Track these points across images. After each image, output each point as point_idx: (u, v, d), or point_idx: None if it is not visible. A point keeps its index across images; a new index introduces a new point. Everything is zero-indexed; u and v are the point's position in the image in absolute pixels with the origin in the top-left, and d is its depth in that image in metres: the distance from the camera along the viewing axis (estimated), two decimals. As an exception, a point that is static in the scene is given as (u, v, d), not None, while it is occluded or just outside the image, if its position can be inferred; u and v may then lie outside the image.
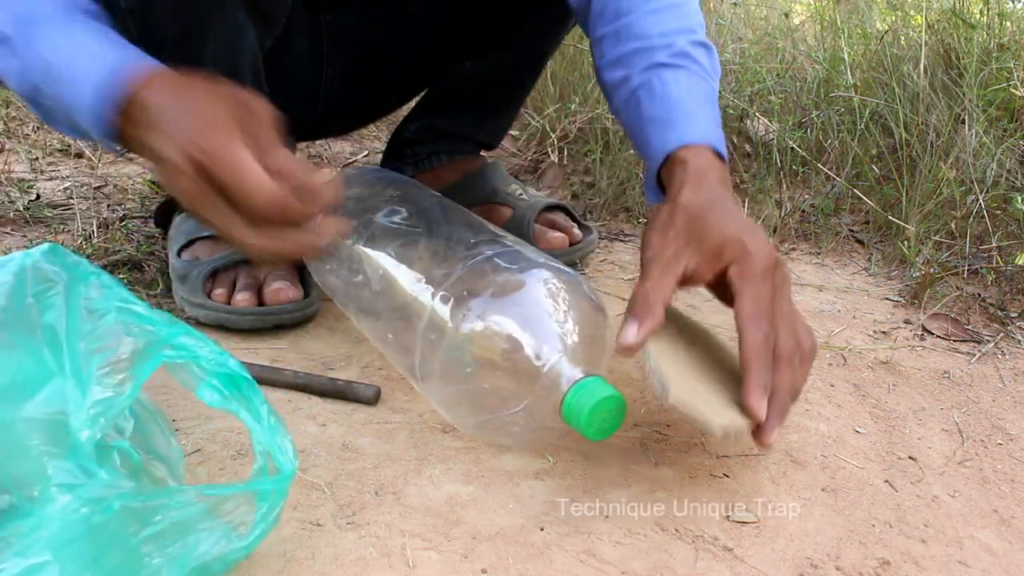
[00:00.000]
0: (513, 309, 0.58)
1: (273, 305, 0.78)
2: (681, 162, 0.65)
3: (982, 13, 1.44)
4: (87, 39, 0.57)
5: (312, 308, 0.80)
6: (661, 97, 0.68)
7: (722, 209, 0.61)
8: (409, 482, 0.59)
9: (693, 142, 0.66)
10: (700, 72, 0.70)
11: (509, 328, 0.57)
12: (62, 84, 0.55)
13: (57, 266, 0.47)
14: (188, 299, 0.79)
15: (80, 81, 0.54)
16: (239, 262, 0.81)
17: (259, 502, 0.45)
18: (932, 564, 0.56)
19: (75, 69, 0.55)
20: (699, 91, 0.69)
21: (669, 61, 0.69)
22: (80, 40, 0.56)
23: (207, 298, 0.78)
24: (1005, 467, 0.68)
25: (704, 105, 0.69)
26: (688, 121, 0.67)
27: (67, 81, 0.55)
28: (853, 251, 1.11)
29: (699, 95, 0.69)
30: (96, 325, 0.45)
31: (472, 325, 0.58)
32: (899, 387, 0.79)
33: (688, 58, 0.70)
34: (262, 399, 0.48)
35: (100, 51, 0.56)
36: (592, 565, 0.52)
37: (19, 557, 0.38)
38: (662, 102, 0.68)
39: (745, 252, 0.59)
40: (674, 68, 0.69)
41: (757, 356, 0.56)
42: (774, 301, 0.58)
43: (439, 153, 1.02)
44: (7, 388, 0.43)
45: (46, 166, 1.21)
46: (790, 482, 0.62)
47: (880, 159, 1.23)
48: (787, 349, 0.57)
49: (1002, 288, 0.99)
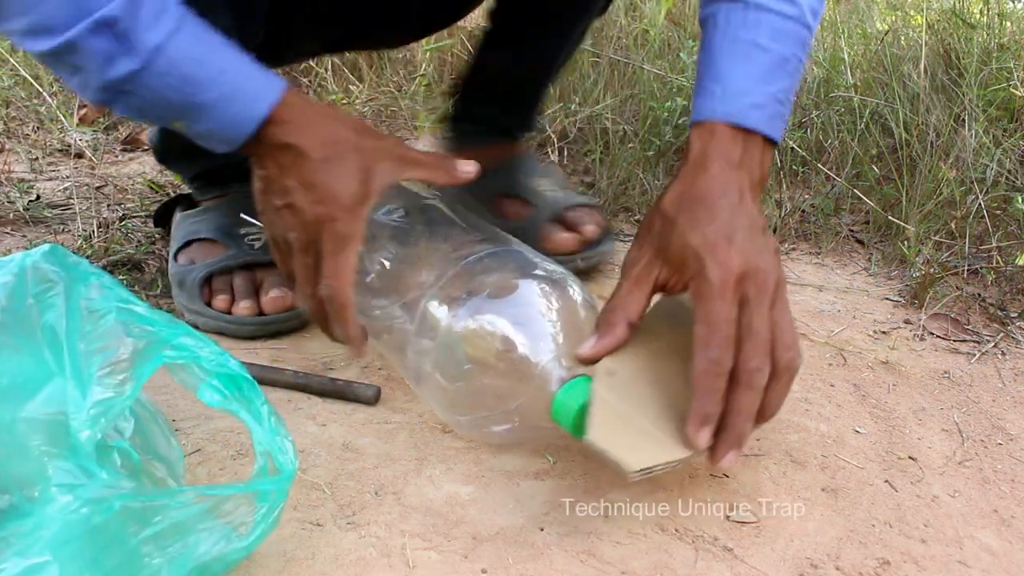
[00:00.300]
0: (506, 309, 0.58)
1: (272, 314, 0.77)
2: (689, 146, 0.60)
3: (982, 13, 1.44)
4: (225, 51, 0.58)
5: (304, 318, 0.78)
6: (705, 48, 0.62)
7: (698, 212, 0.57)
8: (409, 482, 0.59)
9: (705, 118, 0.60)
10: (760, 5, 0.60)
11: (502, 328, 0.57)
12: (202, 94, 0.56)
13: (57, 266, 0.47)
14: (187, 306, 0.79)
15: (231, 101, 0.57)
16: (233, 267, 0.80)
17: (259, 502, 0.45)
18: (932, 564, 0.56)
19: (222, 85, 0.57)
20: (746, 38, 0.60)
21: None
22: (219, 51, 0.57)
23: (205, 305, 0.78)
24: (1005, 467, 0.68)
25: (744, 60, 0.60)
26: (712, 87, 0.60)
27: (211, 95, 0.57)
28: (853, 251, 1.11)
29: (744, 44, 0.60)
30: (96, 325, 0.45)
31: (465, 324, 0.58)
32: (899, 387, 0.79)
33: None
34: (262, 399, 0.48)
35: (246, 71, 0.58)
36: (592, 565, 0.52)
37: (19, 557, 0.38)
38: (704, 55, 0.62)
39: (701, 268, 0.55)
40: (729, 3, 0.61)
41: (701, 383, 0.53)
42: (742, 317, 0.54)
43: (477, 133, 0.99)
44: (7, 388, 0.43)
45: (46, 166, 1.21)
46: (790, 482, 0.62)
47: (880, 159, 1.23)
48: (748, 370, 0.53)
49: (1002, 288, 0.99)
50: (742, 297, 0.54)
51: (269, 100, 0.58)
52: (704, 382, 0.53)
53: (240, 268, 0.80)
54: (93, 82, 0.55)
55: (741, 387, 0.53)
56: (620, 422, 0.53)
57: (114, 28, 0.52)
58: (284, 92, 0.58)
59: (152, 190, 1.14)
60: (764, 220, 0.60)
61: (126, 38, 0.53)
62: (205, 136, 0.59)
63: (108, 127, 1.38)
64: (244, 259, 0.80)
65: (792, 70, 0.62)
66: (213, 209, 0.86)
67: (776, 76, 0.60)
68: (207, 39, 0.57)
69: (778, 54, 0.61)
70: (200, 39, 0.56)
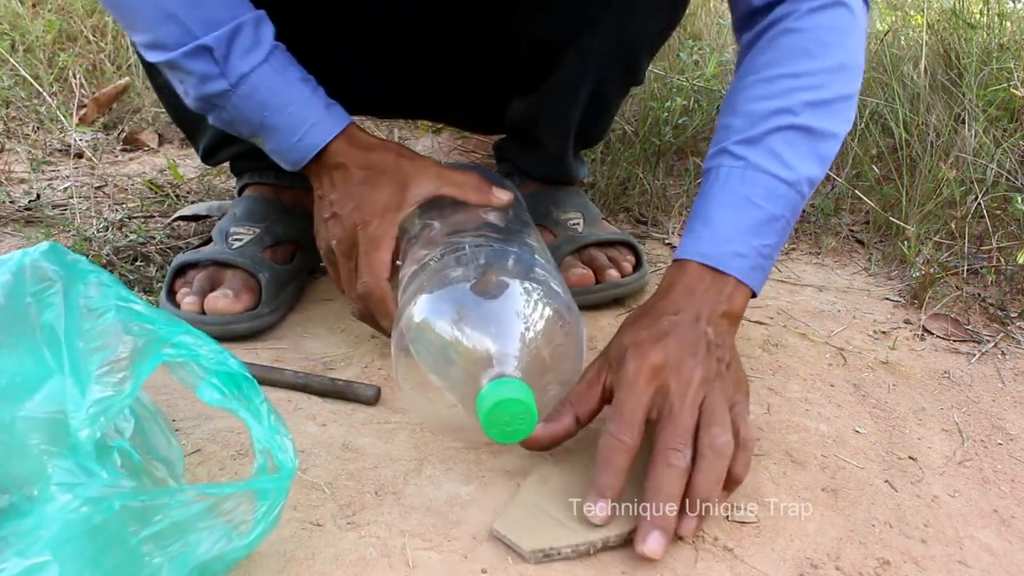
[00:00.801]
0: (460, 303, 0.57)
1: (209, 314, 0.76)
2: (665, 276, 0.65)
3: (982, 13, 1.44)
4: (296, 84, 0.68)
5: (242, 326, 0.76)
6: (702, 195, 0.66)
7: (642, 321, 0.60)
8: (409, 482, 0.59)
9: (683, 257, 0.64)
10: (758, 167, 0.64)
11: (446, 321, 0.57)
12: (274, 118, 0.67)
13: (56, 265, 0.47)
14: (163, 298, 0.80)
15: (293, 130, 0.68)
16: (199, 262, 0.81)
17: (259, 501, 0.45)
18: (932, 564, 0.56)
19: (290, 116, 0.67)
20: (741, 193, 0.64)
21: (734, 150, 0.65)
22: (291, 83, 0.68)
23: (167, 294, 0.80)
24: (1005, 467, 0.68)
25: (735, 211, 0.64)
26: (700, 230, 0.64)
27: (279, 121, 0.67)
28: (853, 251, 1.11)
29: (738, 198, 0.64)
30: (95, 324, 0.45)
31: (415, 312, 0.58)
32: (899, 387, 0.79)
33: (757, 147, 0.64)
34: (262, 398, 0.48)
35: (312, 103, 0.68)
36: (592, 565, 0.52)
37: (19, 557, 0.38)
38: (699, 201, 0.66)
39: (622, 362, 0.58)
40: (732, 160, 0.65)
41: (600, 459, 0.55)
42: (661, 405, 0.56)
43: (510, 175, 0.98)
44: (6, 387, 0.43)
45: (46, 166, 1.21)
46: (790, 482, 0.62)
47: (880, 159, 1.23)
48: (662, 451, 0.54)
49: (1002, 288, 0.99)
50: (660, 387, 0.56)
51: (326, 136, 0.68)
52: (603, 456, 0.54)
53: (208, 264, 0.81)
54: (192, 93, 0.67)
55: (657, 466, 0.53)
56: (531, 512, 0.55)
57: (212, 54, 0.64)
58: (341, 130, 0.68)
59: (152, 190, 1.14)
60: (731, 351, 0.61)
61: (223, 63, 0.64)
62: (274, 154, 0.70)
63: (108, 127, 1.38)
64: (211, 256, 0.81)
65: (780, 229, 0.65)
66: (230, 207, 0.90)
67: (763, 232, 0.63)
68: (287, 73, 0.67)
69: (769, 212, 0.64)
70: (281, 72, 0.67)
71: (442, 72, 0.89)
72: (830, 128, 0.66)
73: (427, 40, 0.85)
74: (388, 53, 0.87)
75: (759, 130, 0.65)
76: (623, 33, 0.79)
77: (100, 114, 1.40)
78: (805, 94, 0.65)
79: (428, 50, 0.87)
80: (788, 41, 0.67)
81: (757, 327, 0.88)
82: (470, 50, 0.86)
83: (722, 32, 1.63)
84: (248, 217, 0.86)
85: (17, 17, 1.57)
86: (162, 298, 0.80)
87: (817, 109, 0.65)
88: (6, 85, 1.37)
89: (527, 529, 0.53)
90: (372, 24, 0.83)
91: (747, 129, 0.65)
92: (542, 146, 0.93)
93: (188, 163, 1.29)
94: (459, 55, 0.87)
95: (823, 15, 0.67)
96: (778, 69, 0.66)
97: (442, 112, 1.05)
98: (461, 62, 0.87)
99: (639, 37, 0.81)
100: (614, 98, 0.92)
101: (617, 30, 0.79)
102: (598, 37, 0.79)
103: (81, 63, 1.51)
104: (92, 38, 1.58)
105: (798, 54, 0.66)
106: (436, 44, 0.86)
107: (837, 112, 0.67)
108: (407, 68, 0.89)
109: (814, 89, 0.66)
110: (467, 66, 0.88)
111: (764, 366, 0.80)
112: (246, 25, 0.65)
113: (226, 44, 0.64)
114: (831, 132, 0.67)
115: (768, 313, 0.92)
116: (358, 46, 0.85)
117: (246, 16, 0.65)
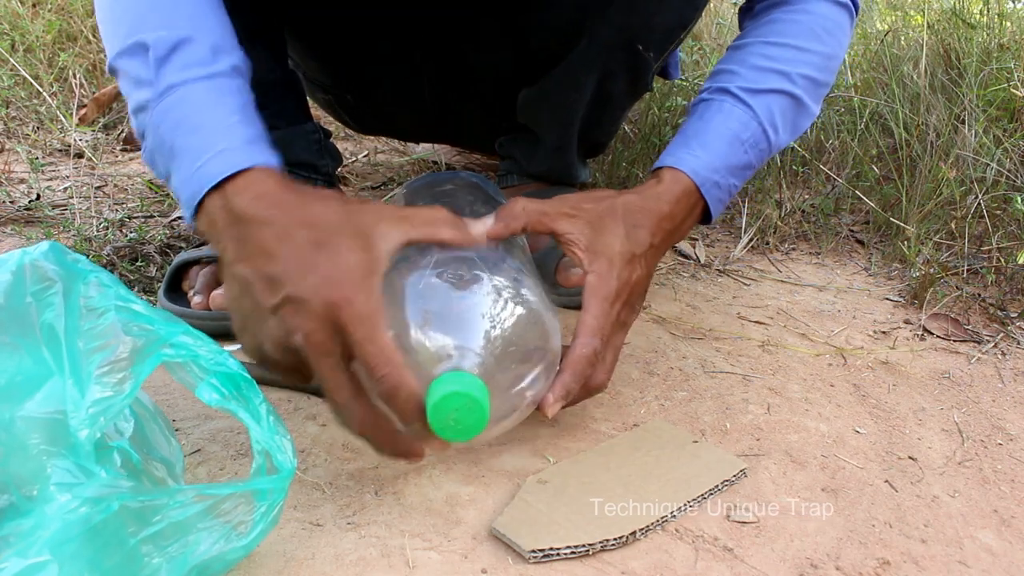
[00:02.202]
0: (425, 298, 0.54)
1: (216, 310, 0.76)
2: (661, 175, 0.68)
3: (982, 13, 1.44)
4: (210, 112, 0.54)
5: None
6: (702, 117, 0.70)
7: (638, 217, 0.64)
8: (409, 482, 0.59)
9: (682, 168, 0.68)
10: (755, 117, 0.70)
11: (406, 312, 0.53)
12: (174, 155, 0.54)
13: (56, 264, 0.47)
14: (161, 296, 0.80)
15: (198, 153, 0.53)
16: (200, 259, 0.81)
17: (258, 501, 0.45)
18: (932, 564, 0.56)
19: (200, 138, 0.53)
20: (738, 133, 0.70)
21: (739, 94, 0.70)
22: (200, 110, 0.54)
23: (164, 292, 0.79)
24: (1005, 467, 0.68)
25: (728, 146, 0.70)
26: (699, 151, 0.69)
27: (185, 143, 0.54)
28: (853, 251, 1.11)
29: (734, 137, 0.70)
30: (95, 324, 0.45)
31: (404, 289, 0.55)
32: (899, 387, 0.79)
33: (759, 99, 0.70)
34: (261, 398, 0.48)
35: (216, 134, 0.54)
36: (592, 565, 0.52)
37: (19, 557, 0.38)
38: (699, 121, 0.70)
39: (607, 259, 0.62)
40: (734, 102, 0.70)
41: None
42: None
43: (511, 173, 0.99)
44: (6, 387, 0.43)
45: (46, 166, 1.21)
46: (790, 482, 0.62)
47: (880, 159, 1.23)
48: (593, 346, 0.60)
49: (1002, 288, 0.99)
50: (622, 306, 0.63)
51: (230, 167, 0.51)
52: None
53: (210, 260, 0.81)
54: (128, 105, 0.57)
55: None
56: (531, 512, 0.55)
57: (148, 54, 0.54)
58: (257, 166, 0.52)
59: (151, 190, 1.14)
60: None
61: (156, 67, 0.54)
62: (176, 195, 0.55)
63: (108, 127, 1.38)
64: (212, 252, 0.81)
65: (746, 176, 0.72)
66: None
67: (739, 174, 0.70)
68: (224, 99, 0.54)
69: (749, 160, 0.71)
70: (216, 95, 0.54)
71: (452, 79, 0.91)
72: (812, 107, 0.74)
73: (440, 40, 0.86)
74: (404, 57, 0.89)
75: (762, 86, 0.70)
76: (628, 23, 0.80)
77: (100, 114, 1.40)
78: (805, 68, 0.72)
79: (442, 47, 0.88)
80: (803, 19, 0.73)
81: (757, 327, 0.88)
82: (480, 49, 0.87)
83: (722, 32, 1.63)
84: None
85: (17, 17, 1.57)
86: (160, 295, 0.80)
87: (809, 85, 0.72)
88: (6, 85, 1.37)
89: (527, 529, 0.53)
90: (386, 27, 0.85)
91: (751, 82, 0.70)
92: (544, 139, 0.94)
93: (188, 163, 1.29)
94: (472, 50, 0.87)
95: (833, 8, 0.74)
96: (787, 39, 0.72)
97: (451, 131, 1.06)
98: (473, 62, 0.88)
99: (645, 30, 0.81)
100: (620, 99, 0.92)
101: (623, 21, 0.80)
102: (605, 27, 0.81)
103: (81, 63, 1.51)
104: (92, 38, 1.58)
105: (807, 33, 0.73)
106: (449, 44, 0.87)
107: (820, 95, 0.75)
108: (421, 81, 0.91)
109: (813, 67, 0.72)
110: (478, 69, 0.89)
111: (764, 366, 0.80)
112: (200, 43, 0.55)
113: (167, 48, 0.54)
114: (812, 111, 0.74)
115: (768, 313, 0.92)
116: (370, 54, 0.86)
117: (203, 37, 0.55)
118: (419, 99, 0.98)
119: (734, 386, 0.75)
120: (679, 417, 0.70)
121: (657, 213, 0.65)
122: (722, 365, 0.79)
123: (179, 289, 0.81)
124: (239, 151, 0.52)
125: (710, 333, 0.86)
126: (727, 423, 0.69)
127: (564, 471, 0.60)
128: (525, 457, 0.62)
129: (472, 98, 0.97)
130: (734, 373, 0.78)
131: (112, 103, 1.42)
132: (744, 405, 0.72)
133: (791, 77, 0.71)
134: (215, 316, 0.76)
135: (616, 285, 0.61)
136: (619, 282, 0.61)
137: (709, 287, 0.98)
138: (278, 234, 0.50)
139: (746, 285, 0.99)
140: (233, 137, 0.53)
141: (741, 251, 1.08)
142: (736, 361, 0.80)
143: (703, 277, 1.00)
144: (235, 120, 0.54)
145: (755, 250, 1.10)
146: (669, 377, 0.76)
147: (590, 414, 0.69)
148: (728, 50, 0.75)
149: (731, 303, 0.94)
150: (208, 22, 0.56)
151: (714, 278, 1.01)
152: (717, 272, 1.02)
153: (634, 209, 0.64)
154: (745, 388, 0.75)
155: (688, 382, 0.75)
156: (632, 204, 0.64)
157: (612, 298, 0.60)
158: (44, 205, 1.04)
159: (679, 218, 0.67)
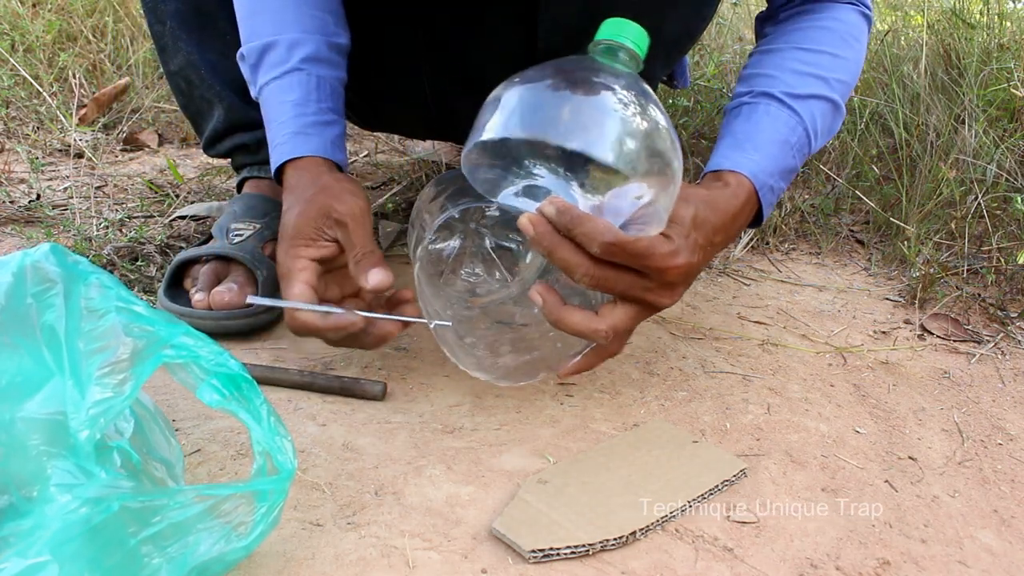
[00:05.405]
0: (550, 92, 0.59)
1: (216, 309, 0.77)
2: (725, 177, 0.68)
3: (982, 13, 1.44)
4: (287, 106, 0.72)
5: (237, 323, 0.77)
6: (751, 119, 0.71)
7: (708, 216, 0.64)
8: (409, 482, 0.59)
9: (744, 172, 0.68)
10: (802, 123, 0.71)
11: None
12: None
13: (57, 266, 0.47)
14: (161, 294, 0.80)
15: (271, 144, 0.73)
16: (201, 257, 0.81)
17: (258, 502, 0.45)
18: (932, 564, 0.56)
19: (271, 131, 0.72)
20: (788, 138, 0.71)
21: (783, 98, 0.71)
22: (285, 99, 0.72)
23: (164, 291, 0.80)
24: (1005, 467, 0.68)
25: (780, 150, 0.71)
26: (753, 154, 0.69)
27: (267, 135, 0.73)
28: (853, 251, 1.11)
29: (783, 141, 0.70)
30: (96, 325, 0.45)
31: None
32: (899, 387, 0.79)
33: (803, 104, 0.71)
34: (262, 399, 0.47)
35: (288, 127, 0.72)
36: (592, 565, 0.52)
37: (19, 557, 0.38)
38: (749, 124, 0.71)
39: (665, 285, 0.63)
40: (780, 107, 0.71)
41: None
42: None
43: None
44: (6, 388, 0.43)
45: (46, 166, 1.21)
46: (790, 482, 0.62)
47: (880, 159, 1.23)
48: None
49: (1002, 288, 0.99)
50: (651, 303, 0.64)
51: (279, 158, 0.71)
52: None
53: (211, 258, 0.81)
54: (252, 93, 0.75)
55: None
56: (531, 512, 0.55)
57: (246, 62, 0.73)
58: (287, 161, 0.71)
59: (151, 190, 1.14)
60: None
61: (252, 72, 0.73)
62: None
63: (108, 127, 1.38)
64: (213, 250, 0.81)
65: (791, 179, 0.74)
66: (228, 205, 0.91)
67: (787, 178, 0.72)
68: (287, 93, 0.71)
69: (795, 165, 0.72)
70: (283, 91, 0.71)
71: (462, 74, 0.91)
72: (843, 111, 0.75)
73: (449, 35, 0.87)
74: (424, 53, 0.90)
75: (804, 91, 0.71)
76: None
77: (100, 114, 1.40)
78: (840, 74, 0.74)
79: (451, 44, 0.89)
80: (833, 26, 0.75)
81: (757, 327, 0.88)
82: (486, 46, 0.87)
83: (722, 32, 1.62)
84: (248, 213, 0.86)
85: (17, 17, 1.57)
86: (160, 293, 0.80)
87: (844, 90, 0.74)
88: (6, 85, 1.37)
89: (527, 529, 0.53)
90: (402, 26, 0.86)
91: (793, 87, 0.71)
92: None
93: (188, 163, 1.30)
94: (476, 48, 0.88)
95: (857, 17, 0.77)
96: (822, 46, 0.74)
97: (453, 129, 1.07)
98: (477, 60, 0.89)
99: (652, 33, 0.82)
100: None
101: None
102: None
103: (81, 63, 1.51)
104: (92, 38, 1.58)
105: (838, 41, 0.75)
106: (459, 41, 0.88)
107: (847, 99, 0.76)
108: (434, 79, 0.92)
109: (847, 73, 0.74)
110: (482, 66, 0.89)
111: (764, 366, 0.80)
112: (279, 44, 0.71)
113: (257, 55, 0.72)
114: (843, 115, 0.76)
115: (768, 313, 0.92)
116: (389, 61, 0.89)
117: (284, 36, 0.71)
118: (419, 96, 0.98)
119: (734, 386, 0.76)
120: (679, 417, 0.70)
121: (727, 214, 0.65)
122: (722, 365, 0.79)
123: (180, 286, 0.81)
124: (284, 147, 0.71)
125: (710, 333, 0.86)
126: (727, 423, 0.69)
127: (564, 471, 0.60)
128: (525, 457, 0.62)
129: (475, 95, 0.97)
130: (734, 373, 0.78)
131: (112, 103, 1.42)
132: (744, 405, 0.72)
133: (829, 83, 0.72)
134: (216, 316, 0.76)
135: (678, 258, 0.59)
136: (681, 255, 0.59)
137: (709, 287, 0.98)
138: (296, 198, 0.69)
139: (746, 285, 1.00)
140: (284, 132, 0.71)
141: (741, 251, 1.08)
142: (736, 361, 0.80)
143: (703, 277, 1.00)
144: (288, 117, 0.71)
145: (755, 250, 1.10)
146: (669, 377, 0.76)
147: (590, 414, 0.69)
148: (756, 54, 0.75)
149: (731, 303, 0.94)
150: (287, 21, 0.72)
151: (714, 278, 1.01)
152: (717, 272, 1.02)
153: (710, 204, 0.64)
154: (745, 388, 0.75)
155: (688, 382, 0.76)
156: (707, 199, 0.64)
157: (668, 265, 0.58)
158: (44, 205, 1.04)
159: (741, 221, 0.68)
